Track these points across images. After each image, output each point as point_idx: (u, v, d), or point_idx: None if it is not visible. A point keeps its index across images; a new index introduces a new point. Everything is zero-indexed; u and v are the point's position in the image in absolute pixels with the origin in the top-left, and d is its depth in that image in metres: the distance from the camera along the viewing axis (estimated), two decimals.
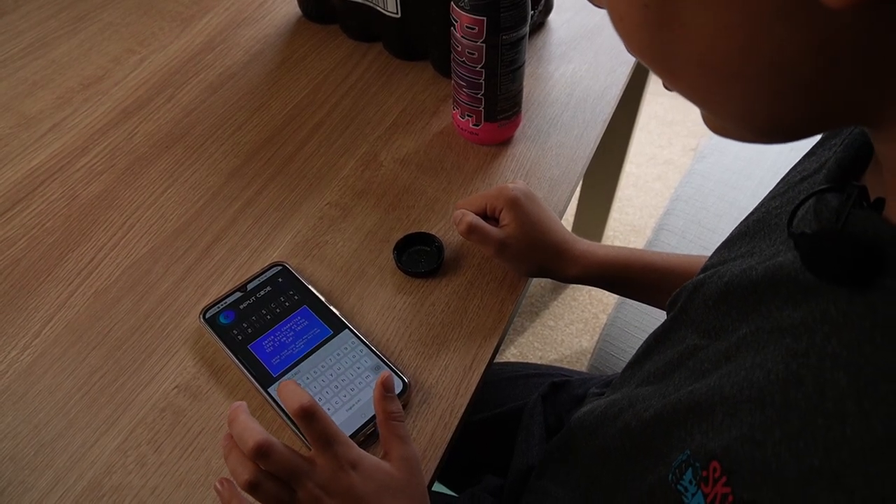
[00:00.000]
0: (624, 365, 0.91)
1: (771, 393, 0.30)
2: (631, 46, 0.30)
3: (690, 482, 0.33)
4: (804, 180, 0.40)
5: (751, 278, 0.37)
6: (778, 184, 0.44)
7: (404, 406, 0.54)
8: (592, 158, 0.76)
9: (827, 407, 0.27)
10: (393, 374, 0.48)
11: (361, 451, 0.45)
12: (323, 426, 0.43)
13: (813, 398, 0.28)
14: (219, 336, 0.57)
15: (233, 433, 0.43)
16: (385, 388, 0.47)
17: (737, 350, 0.35)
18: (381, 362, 0.55)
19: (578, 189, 1.49)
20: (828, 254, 0.30)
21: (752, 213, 0.44)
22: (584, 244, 0.63)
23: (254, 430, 0.42)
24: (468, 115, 0.72)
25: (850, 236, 0.29)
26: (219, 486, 0.45)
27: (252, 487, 0.42)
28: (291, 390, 0.44)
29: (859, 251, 0.28)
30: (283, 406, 0.53)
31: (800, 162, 0.43)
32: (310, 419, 0.43)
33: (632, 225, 1.72)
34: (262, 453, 0.41)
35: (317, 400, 0.47)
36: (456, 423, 0.54)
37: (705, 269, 0.44)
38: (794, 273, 0.33)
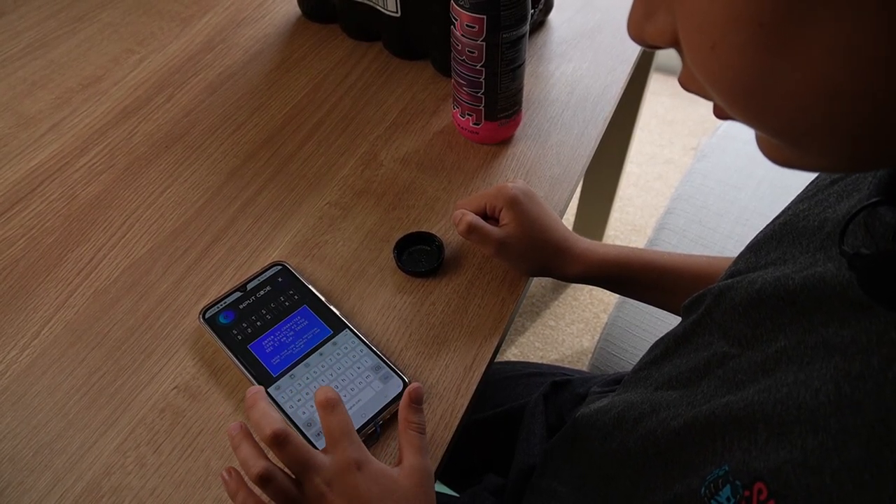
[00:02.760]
0: (625, 364, 0.91)
1: (824, 416, 0.29)
2: (721, 82, 0.25)
3: (728, 500, 0.32)
4: (835, 183, 0.39)
5: (787, 288, 0.35)
6: (807, 186, 0.43)
7: None
8: (593, 157, 0.76)
9: (894, 439, 0.26)
10: (421, 386, 0.49)
11: (370, 455, 0.45)
12: (338, 420, 0.44)
13: (876, 428, 0.27)
14: (218, 336, 0.57)
15: (250, 419, 0.44)
16: (412, 398, 0.48)
17: (776, 363, 0.34)
18: (382, 362, 0.55)
19: (579, 188, 1.49)
20: (888, 276, 0.28)
21: (778, 216, 0.43)
22: (584, 243, 0.62)
23: (273, 418, 0.43)
24: (468, 114, 0.72)
25: None
26: (226, 475, 0.45)
27: (264, 480, 0.42)
28: (324, 388, 0.45)
29: None
30: (283, 407, 0.52)
31: None
32: (330, 410, 0.44)
33: (633, 224, 1.72)
34: (278, 441, 0.42)
35: None
36: (456, 423, 0.53)
37: (732, 274, 0.43)
38: (839, 288, 0.32)
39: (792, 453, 0.30)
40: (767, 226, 0.43)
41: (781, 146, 0.27)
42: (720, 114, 0.28)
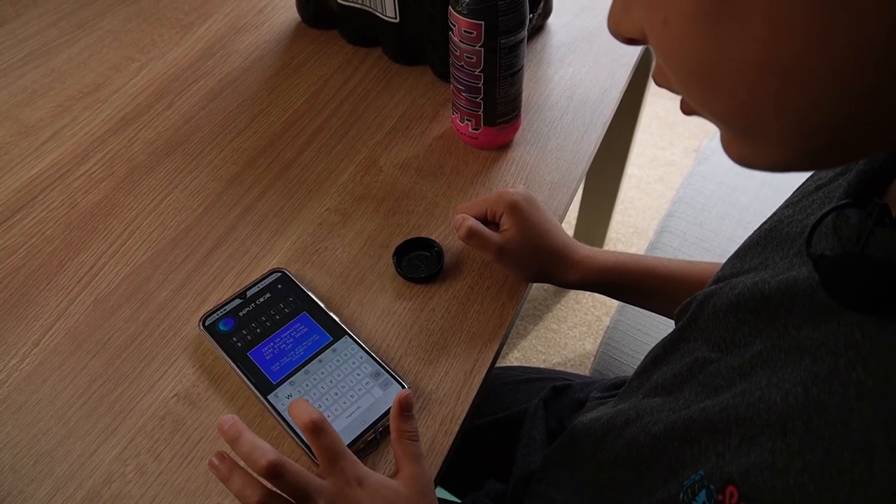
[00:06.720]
0: (627, 368, 0.91)
1: (791, 418, 0.29)
2: (675, 60, 0.26)
3: None
4: (819, 189, 0.39)
5: (763, 292, 0.36)
6: (794, 192, 0.43)
7: None
8: (594, 161, 0.76)
9: (853, 438, 0.26)
10: (410, 393, 0.48)
11: (367, 468, 0.45)
12: (331, 441, 0.44)
13: (837, 427, 0.27)
14: (218, 343, 0.57)
15: (239, 452, 0.43)
16: (402, 406, 0.47)
17: (751, 367, 0.34)
18: (381, 369, 0.55)
19: (580, 191, 1.49)
20: (850, 278, 0.28)
21: (764, 223, 0.43)
22: (584, 249, 0.62)
23: (264, 449, 0.42)
24: (467, 120, 0.72)
25: (873, 260, 0.27)
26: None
27: None
28: (302, 406, 0.44)
29: (885, 276, 0.26)
30: (282, 414, 0.52)
31: (816, 171, 0.42)
32: (318, 433, 0.43)
33: (634, 227, 1.72)
34: (275, 473, 0.41)
35: (316, 407, 0.47)
36: (457, 429, 0.53)
37: (717, 280, 0.43)
38: (810, 290, 0.32)
39: (761, 456, 0.30)
40: (754, 232, 0.43)
41: (739, 140, 0.27)
42: (686, 109, 0.29)
